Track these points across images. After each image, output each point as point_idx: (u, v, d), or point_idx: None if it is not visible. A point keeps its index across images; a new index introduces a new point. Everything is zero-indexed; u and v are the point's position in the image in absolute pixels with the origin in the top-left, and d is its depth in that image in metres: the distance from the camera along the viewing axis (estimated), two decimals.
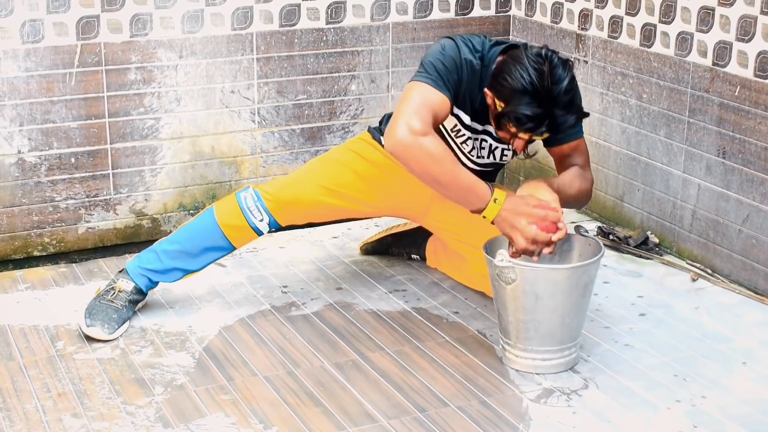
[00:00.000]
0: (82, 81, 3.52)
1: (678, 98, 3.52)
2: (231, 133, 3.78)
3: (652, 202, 3.71)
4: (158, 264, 3.13)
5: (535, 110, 2.73)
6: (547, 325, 2.78)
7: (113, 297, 3.10)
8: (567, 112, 2.78)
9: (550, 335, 2.81)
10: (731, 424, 2.60)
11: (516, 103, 2.74)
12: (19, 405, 2.69)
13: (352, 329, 3.12)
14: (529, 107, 2.73)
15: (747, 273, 3.35)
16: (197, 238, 3.12)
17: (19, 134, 3.48)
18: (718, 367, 2.88)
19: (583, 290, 2.79)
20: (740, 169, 3.32)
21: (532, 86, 2.73)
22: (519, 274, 2.72)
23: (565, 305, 2.77)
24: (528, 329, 2.80)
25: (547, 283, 2.74)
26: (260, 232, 3.11)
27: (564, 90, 2.75)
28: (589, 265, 2.77)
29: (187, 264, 3.14)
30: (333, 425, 2.59)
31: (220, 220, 3.10)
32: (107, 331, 3.02)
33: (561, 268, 2.80)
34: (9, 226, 3.54)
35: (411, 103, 2.81)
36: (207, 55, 3.68)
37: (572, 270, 2.78)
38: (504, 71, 2.79)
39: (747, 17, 3.21)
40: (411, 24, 3.95)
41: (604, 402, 2.71)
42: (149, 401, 2.71)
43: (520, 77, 2.74)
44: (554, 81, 2.74)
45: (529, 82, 2.73)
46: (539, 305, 2.75)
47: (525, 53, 2.80)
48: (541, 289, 2.74)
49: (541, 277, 2.74)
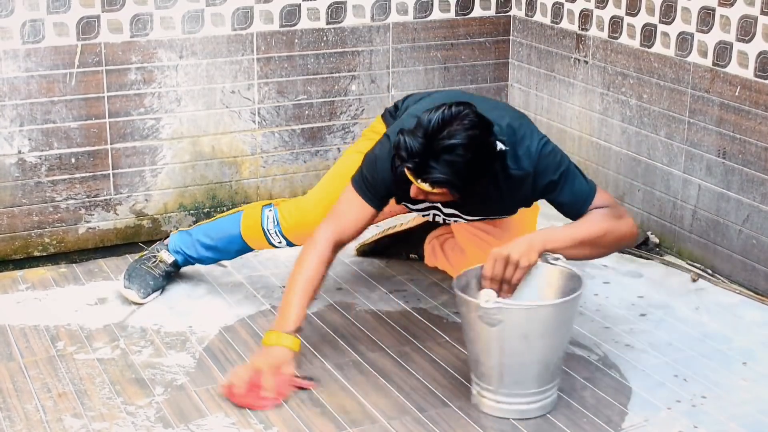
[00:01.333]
0: (83, 81, 3.52)
1: (678, 98, 3.52)
2: (231, 133, 3.78)
3: (653, 203, 3.71)
4: (193, 252, 3.31)
5: (412, 142, 2.51)
6: (533, 366, 2.57)
7: (153, 265, 3.31)
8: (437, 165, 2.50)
9: (536, 377, 2.59)
10: (731, 424, 2.60)
11: (405, 133, 2.54)
12: (19, 405, 2.69)
13: (353, 329, 3.12)
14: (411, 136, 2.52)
15: (747, 273, 3.35)
16: (227, 241, 3.25)
17: (19, 134, 3.48)
18: (719, 368, 2.88)
19: (569, 325, 2.61)
20: (740, 170, 3.32)
21: (427, 122, 2.51)
22: (506, 314, 2.50)
23: (552, 344, 2.56)
24: (513, 373, 2.57)
25: (537, 322, 2.53)
26: (281, 247, 3.19)
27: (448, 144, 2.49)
28: (577, 298, 2.58)
29: (220, 257, 3.33)
30: (333, 425, 2.59)
31: (244, 234, 3.20)
32: (141, 295, 3.24)
33: (551, 305, 2.56)
34: (9, 226, 3.54)
35: (335, 209, 2.83)
36: (207, 56, 3.68)
37: (561, 305, 2.56)
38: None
39: (747, 17, 3.21)
40: (411, 24, 3.95)
41: (605, 402, 2.70)
42: (149, 401, 2.71)
43: (426, 112, 2.55)
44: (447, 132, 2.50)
45: (428, 118, 2.52)
46: (526, 346, 2.53)
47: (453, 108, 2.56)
48: (529, 328, 2.52)
49: (531, 317, 2.52)
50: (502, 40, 4.18)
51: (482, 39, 4.13)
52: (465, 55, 4.10)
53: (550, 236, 2.66)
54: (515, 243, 2.62)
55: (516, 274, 2.60)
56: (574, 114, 4.01)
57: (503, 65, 4.22)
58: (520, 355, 2.55)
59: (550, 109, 4.11)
